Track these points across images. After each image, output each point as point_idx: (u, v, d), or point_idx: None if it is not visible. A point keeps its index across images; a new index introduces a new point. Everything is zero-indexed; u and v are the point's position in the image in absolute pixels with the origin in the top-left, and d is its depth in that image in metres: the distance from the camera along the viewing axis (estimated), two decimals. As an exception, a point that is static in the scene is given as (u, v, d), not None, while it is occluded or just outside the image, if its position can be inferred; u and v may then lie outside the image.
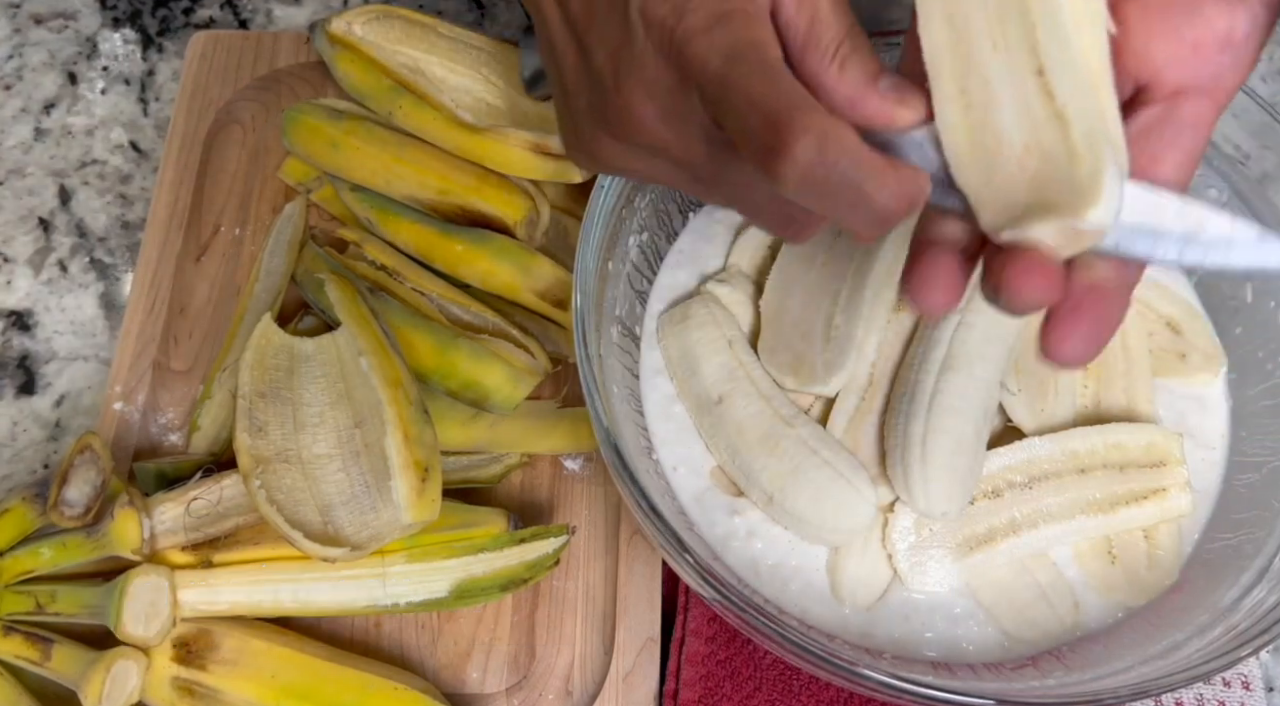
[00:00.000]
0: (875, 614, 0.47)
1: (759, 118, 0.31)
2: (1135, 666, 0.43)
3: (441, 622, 0.51)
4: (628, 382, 0.51)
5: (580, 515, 0.54)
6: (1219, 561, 0.46)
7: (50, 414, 0.58)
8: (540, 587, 0.52)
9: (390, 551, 0.48)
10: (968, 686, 0.43)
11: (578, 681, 0.50)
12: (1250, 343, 0.51)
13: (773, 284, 0.52)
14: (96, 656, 0.45)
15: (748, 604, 0.40)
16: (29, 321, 0.61)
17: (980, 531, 0.47)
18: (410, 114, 0.57)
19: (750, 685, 0.49)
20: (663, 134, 0.35)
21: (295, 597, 0.47)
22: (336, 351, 0.50)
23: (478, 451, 0.53)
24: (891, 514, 0.48)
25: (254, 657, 0.47)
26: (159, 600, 0.46)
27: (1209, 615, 0.44)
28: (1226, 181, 0.52)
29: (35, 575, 0.48)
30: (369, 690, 0.47)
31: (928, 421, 0.47)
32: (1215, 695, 0.50)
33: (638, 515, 0.43)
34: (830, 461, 0.47)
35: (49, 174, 0.65)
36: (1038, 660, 0.46)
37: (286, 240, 0.58)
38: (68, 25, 0.70)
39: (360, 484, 0.48)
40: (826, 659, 0.39)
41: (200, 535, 0.48)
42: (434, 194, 0.56)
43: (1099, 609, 0.47)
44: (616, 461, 0.43)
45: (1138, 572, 0.47)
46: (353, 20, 0.60)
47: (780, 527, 0.48)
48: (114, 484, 0.48)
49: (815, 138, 0.30)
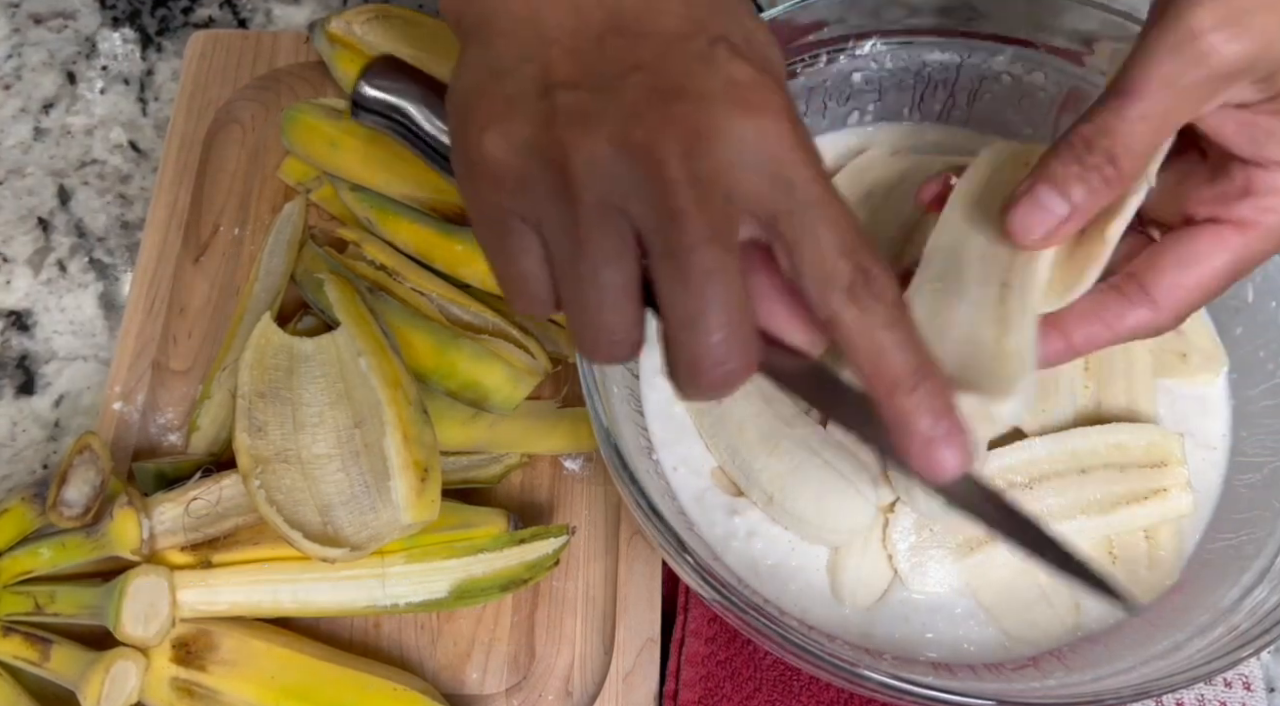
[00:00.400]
0: (875, 614, 0.47)
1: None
2: (1136, 667, 0.43)
3: (441, 623, 0.51)
4: (628, 382, 0.51)
5: (580, 515, 0.54)
6: (1220, 561, 0.46)
7: (49, 414, 0.58)
8: (540, 588, 0.52)
9: (390, 552, 0.47)
10: (968, 687, 0.43)
11: (577, 682, 0.50)
12: (1251, 342, 0.51)
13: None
14: (95, 657, 0.45)
15: (748, 604, 0.40)
16: (28, 321, 0.61)
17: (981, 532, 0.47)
18: (410, 114, 0.57)
19: (750, 685, 0.49)
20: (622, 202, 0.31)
21: (294, 598, 0.47)
22: (336, 351, 0.50)
23: (477, 451, 0.53)
24: (892, 514, 0.48)
25: (253, 658, 0.47)
26: (158, 600, 0.46)
27: (1210, 615, 0.44)
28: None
29: (34, 575, 0.48)
30: (368, 690, 0.47)
31: (928, 421, 0.47)
32: (1216, 695, 0.50)
33: (638, 515, 0.42)
34: (831, 462, 0.47)
35: (48, 174, 0.65)
36: (1038, 660, 0.46)
37: (286, 240, 0.58)
38: (67, 25, 0.70)
39: (360, 484, 0.48)
40: (827, 659, 0.39)
41: (199, 535, 0.48)
42: (434, 193, 0.56)
43: (1100, 609, 0.47)
44: (616, 461, 0.42)
45: (1138, 572, 0.47)
46: (352, 20, 0.60)
47: (780, 528, 0.48)
48: (113, 484, 0.48)
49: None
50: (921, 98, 0.57)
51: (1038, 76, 0.54)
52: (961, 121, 0.57)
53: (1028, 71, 0.54)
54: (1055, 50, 0.53)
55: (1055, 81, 0.54)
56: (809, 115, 0.57)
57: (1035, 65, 0.54)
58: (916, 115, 0.58)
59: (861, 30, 0.54)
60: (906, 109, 0.57)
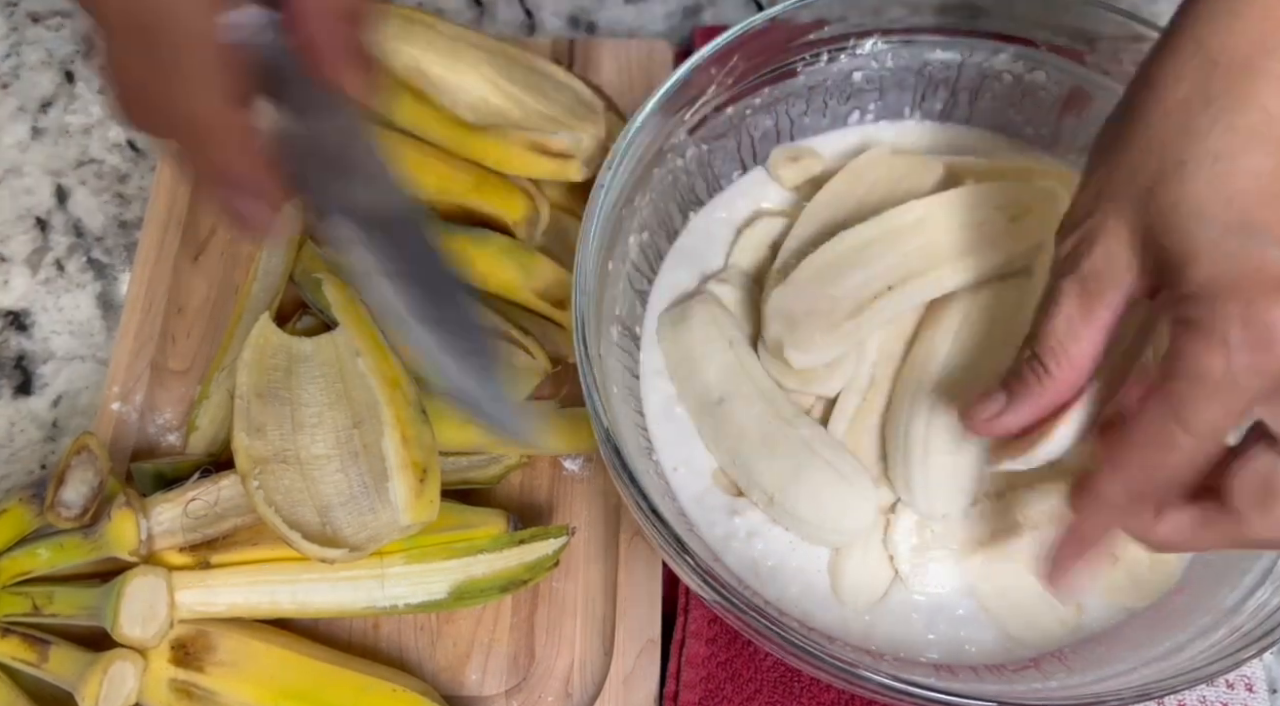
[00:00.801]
0: (876, 615, 0.47)
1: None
2: (1138, 668, 0.43)
3: (440, 624, 0.51)
4: (628, 383, 0.51)
5: (580, 516, 0.53)
6: (1222, 563, 0.46)
7: (47, 414, 0.58)
8: (540, 589, 0.52)
9: (389, 552, 0.47)
10: (969, 688, 0.43)
11: (577, 683, 0.50)
12: (1253, 342, 0.51)
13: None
14: (94, 658, 0.45)
15: (748, 605, 0.40)
16: (26, 321, 0.61)
17: (982, 533, 0.47)
18: (410, 113, 0.57)
19: (751, 687, 0.49)
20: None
21: (293, 599, 0.47)
22: (334, 351, 0.50)
23: (477, 452, 0.53)
24: (893, 515, 0.48)
25: (252, 659, 0.46)
26: (156, 601, 0.46)
27: (1212, 616, 0.44)
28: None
29: (32, 576, 0.48)
30: (367, 692, 0.47)
31: (929, 423, 0.47)
32: (1218, 696, 0.49)
33: (638, 516, 0.42)
34: (831, 462, 0.47)
35: (46, 173, 0.65)
36: (1040, 661, 0.46)
37: (285, 240, 0.58)
38: (65, 24, 0.70)
39: (359, 484, 0.47)
40: (827, 660, 0.39)
41: (198, 536, 0.48)
42: (434, 193, 0.56)
43: (1101, 610, 0.47)
44: (616, 462, 0.42)
45: (1140, 574, 0.47)
46: (351, 19, 0.60)
47: (781, 528, 0.48)
48: (111, 484, 0.48)
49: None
50: (923, 97, 0.57)
51: (1039, 75, 0.54)
52: (963, 120, 0.57)
53: (1029, 70, 0.54)
54: (1057, 49, 0.53)
55: (1056, 80, 0.54)
56: (810, 114, 0.57)
57: (1036, 64, 0.54)
58: (918, 114, 0.58)
59: (862, 29, 0.53)
60: (908, 108, 0.57)
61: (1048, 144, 0.56)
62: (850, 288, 0.49)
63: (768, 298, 0.50)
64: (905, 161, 0.54)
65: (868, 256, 0.50)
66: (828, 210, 0.53)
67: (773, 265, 0.52)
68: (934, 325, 0.50)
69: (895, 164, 0.54)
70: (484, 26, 0.70)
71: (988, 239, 0.49)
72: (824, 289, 0.49)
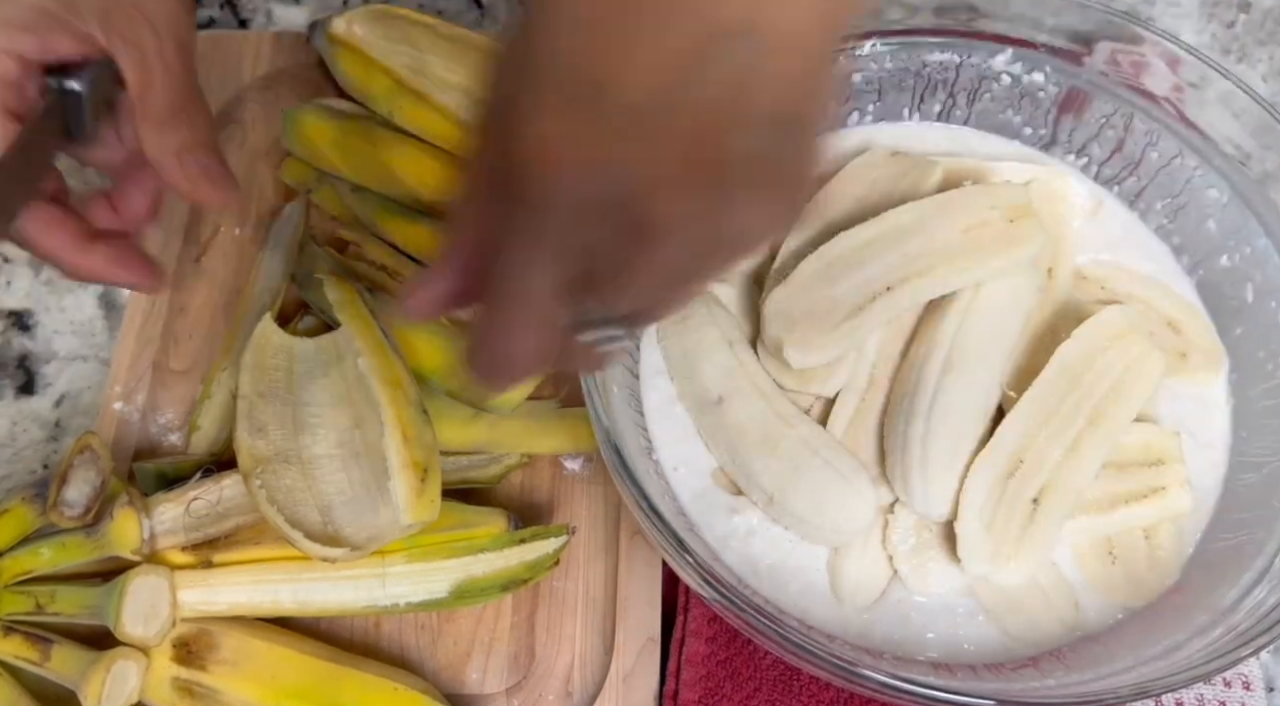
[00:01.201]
0: (875, 614, 0.47)
1: None
2: (1136, 666, 0.43)
3: (441, 623, 0.51)
4: (628, 383, 0.51)
5: (580, 515, 0.54)
6: (1220, 561, 0.46)
7: (50, 414, 0.58)
8: (540, 588, 0.52)
9: (390, 551, 0.47)
10: (968, 686, 0.43)
11: (578, 682, 0.50)
12: (1251, 343, 0.51)
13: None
14: (96, 656, 0.45)
15: (748, 604, 0.40)
16: (29, 321, 0.61)
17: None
18: (410, 114, 0.57)
19: (750, 685, 0.49)
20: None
21: (295, 598, 0.47)
22: (336, 351, 0.50)
23: (477, 451, 0.53)
24: (892, 514, 0.48)
25: (253, 658, 0.47)
26: (158, 600, 0.46)
27: (1209, 615, 0.44)
28: (1227, 181, 0.52)
29: (35, 575, 0.48)
30: (368, 690, 0.47)
31: (928, 423, 0.47)
32: (1216, 695, 0.50)
33: (638, 515, 0.43)
34: (830, 462, 0.47)
35: (49, 174, 0.65)
36: (1038, 660, 0.46)
37: (286, 240, 0.58)
38: (67, 25, 0.70)
39: (360, 484, 0.48)
40: (826, 659, 0.39)
41: (200, 535, 0.48)
42: (433, 193, 0.56)
43: (1099, 609, 0.47)
44: (616, 461, 0.43)
45: (1138, 573, 0.47)
46: (353, 20, 0.60)
47: (780, 527, 0.48)
48: (113, 484, 0.48)
49: None
50: (921, 98, 0.57)
51: (1037, 76, 0.54)
52: (962, 121, 0.58)
53: (1027, 71, 0.54)
54: (1055, 50, 0.53)
55: (1055, 81, 0.54)
56: (809, 115, 0.57)
57: (1035, 65, 0.54)
58: (917, 115, 0.58)
59: (861, 31, 0.54)
60: (907, 109, 0.57)
61: (1046, 144, 0.56)
62: (849, 288, 0.49)
63: (767, 298, 0.50)
64: (904, 162, 0.54)
65: (867, 257, 0.50)
66: (827, 211, 0.53)
67: (772, 265, 0.52)
68: (933, 325, 0.50)
69: (894, 165, 0.54)
70: (484, 27, 0.70)
71: (986, 239, 0.50)
72: (823, 289, 0.49)
